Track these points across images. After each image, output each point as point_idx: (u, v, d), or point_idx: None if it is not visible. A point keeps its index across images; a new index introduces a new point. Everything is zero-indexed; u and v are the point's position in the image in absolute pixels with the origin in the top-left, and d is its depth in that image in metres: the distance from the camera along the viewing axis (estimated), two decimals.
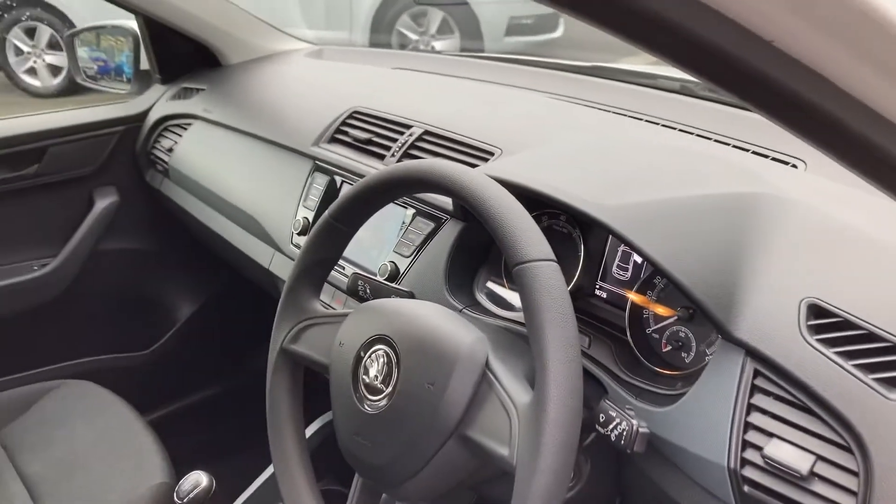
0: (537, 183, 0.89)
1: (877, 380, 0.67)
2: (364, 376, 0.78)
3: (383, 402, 0.75)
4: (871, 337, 0.69)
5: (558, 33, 6.14)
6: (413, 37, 5.71)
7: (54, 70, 5.61)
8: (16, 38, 5.55)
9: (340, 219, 0.87)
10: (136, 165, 1.73)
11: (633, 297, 0.91)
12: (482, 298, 1.03)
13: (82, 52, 1.87)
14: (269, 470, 1.21)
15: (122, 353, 1.75)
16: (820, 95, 0.43)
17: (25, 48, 5.58)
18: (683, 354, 0.88)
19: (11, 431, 1.37)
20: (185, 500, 1.10)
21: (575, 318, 0.68)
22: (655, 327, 0.91)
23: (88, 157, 1.68)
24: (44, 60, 5.63)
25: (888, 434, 0.65)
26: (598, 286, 0.97)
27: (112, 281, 1.75)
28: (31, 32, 5.55)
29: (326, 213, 0.88)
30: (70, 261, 1.67)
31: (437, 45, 5.71)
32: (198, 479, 1.10)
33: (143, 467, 1.25)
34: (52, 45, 5.54)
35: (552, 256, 0.70)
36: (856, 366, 0.68)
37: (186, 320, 1.83)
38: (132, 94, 1.79)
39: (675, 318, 0.88)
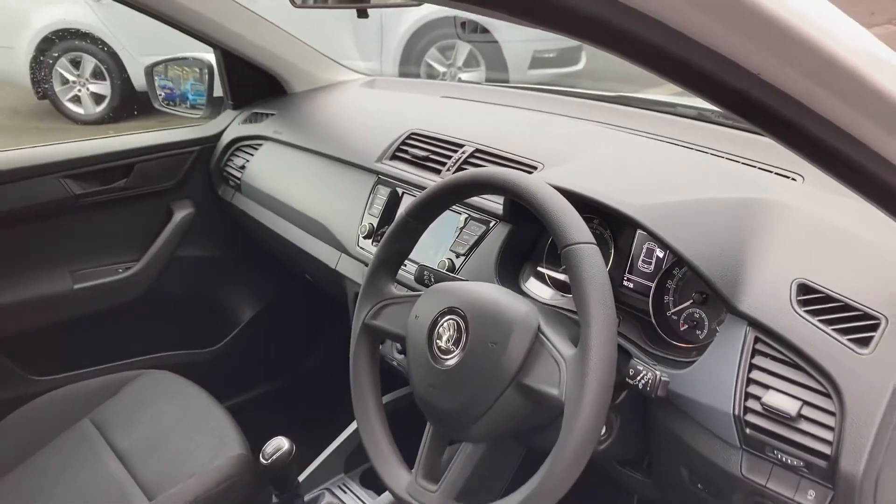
0: (577, 187, 1.08)
1: (851, 339, 0.85)
2: (437, 341, 0.96)
3: (454, 360, 0.94)
4: (846, 307, 0.87)
5: (580, 66, 6.37)
6: (441, 69, 5.95)
7: (97, 98, 5.90)
8: (62, 67, 5.84)
9: (416, 216, 1.07)
10: (210, 181, 1.94)
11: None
12: (527, 289, 1.22)
13: (156, 79, 2.09)
14: (343, 435, 1.39)
15: (194, 348, 1.94)
16: (801, 117, 0.61)
17: (70, 77, 5.89)
18: (698, 332, 1.06)
19: (102, 412, 1.54)
20: (269, 461, 1.27)
21: (611, 288, 0.87)
22: (674, 310, 1.09)
23: (169, 173, 1.89)
24: (87, 89, 5.92)
25: (858, 379, 0.82)
26: (626, 278, 1.16)
27: (187, 284, 1.95)
28: (76, 63, 5.84)
29: (403, 211, 1.08)
30: (151, 265, 1.88)
31: (464, 76, 5.94)
32: (279, 443, 1.28)
33: (223, 442, 1.42)
34: (96, 75, 5.83)
35: (593, 240, 0.88)
36: (835, 330, 0.86)
37: (251, 319, 2.02)
38: (205, 119, 2.01)
39: (691, 301, 1.07)
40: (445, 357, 0.95)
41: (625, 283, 1.16)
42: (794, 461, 0.87)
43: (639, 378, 0.94)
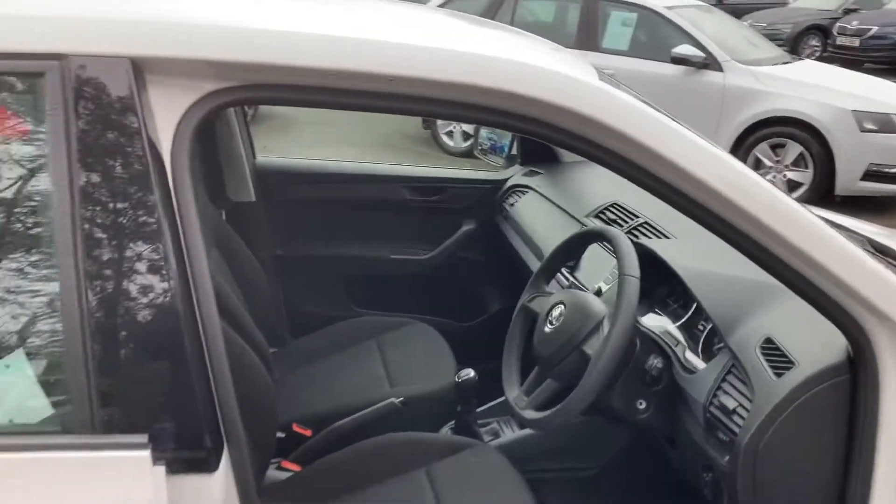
0: (660, 251, 1.70)
1: (774, 372, 1.37)
2: (549, 316, 1.65)
3: (551, 328, 1.63)
4: (783, 354, 1.39)
5: None
6: (768, 163, 6.24)
7: (465, 136, 7.17)
8: None
9: (559, 252, 1.78)
10: (491, 210, 2.78)
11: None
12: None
13: (483, 132, 2.99)
14: None
15: (452, 319, 2.77)
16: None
17: None
18: None
19: (385, 337, 2.39)
20: (459, 380, 2.03)
21: (634, 311, 1.49)
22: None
23: (466, 198, 2.77)
24: (460, 128, 7.24)
25: (764, 393, 1.35)
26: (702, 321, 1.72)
27: (460, 275, 2.81)
28: None
29: (556, 247, 1.79)
30: (439, 255, 2.77)
31: (790, 175, 6.17)
32: (468, 372, 2.03)
33: (446, 371, 2.17)
34: None
35: (637, 275, 1.51)
36: (769, 365, 1.39)
37: (497, 311, 2.81)
38: (502, 167, 2.86)
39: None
40: (549, 327, 1.64)
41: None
42: (725, 437, 1.41)
43: (648, 366, 1.55)
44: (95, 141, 1.01)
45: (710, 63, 6.33)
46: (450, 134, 7.34)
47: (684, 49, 6.36)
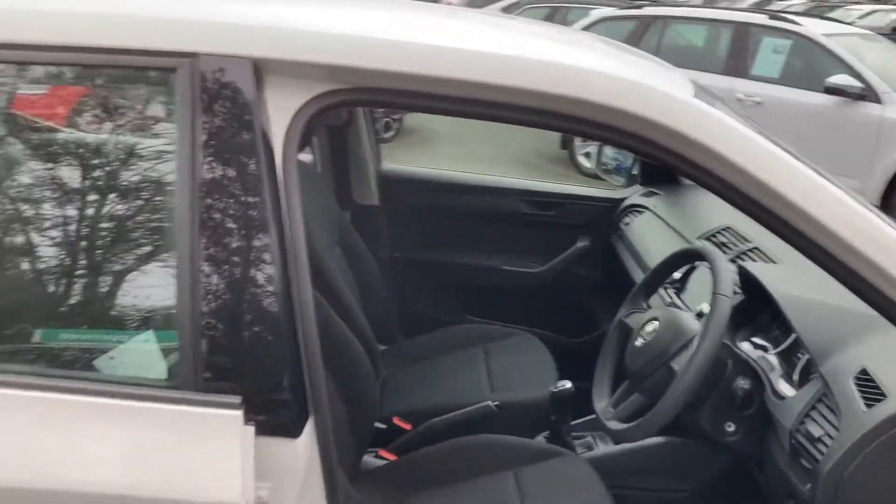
0: (762, 277, 1.67)
1: (865, 402, 1.34)
2: (643, 332, 1.67)
3: (641, 342, 1.64)
4: (876, 386, 1.35)
5: None
6: None
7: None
8: None
9: (658, 269, 1.78)
10: (607, 228, 2.78)
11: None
12: (737, 344, 1.79)
13: (608, 151, 3.00)
14: None
15: (561, 335, 2.80)
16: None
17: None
18: None
19: (491, 346, 2.45)
20: (555, 391, 2.06)
21: (723, 329, 1.48)
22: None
23: (583, 215, 2.80)
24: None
25: (852, 424, 1.32)
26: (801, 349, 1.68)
27: (571, 290, 2.83)
28: None
29: (660, 262, 1.79)
30: (551, 270, 2.81)
31: None
32: (565, 384, 2.06)
33: (547, 382, 2.22)
34: None
35: (730, 295, 1.51)
36: (862, 395, 1.35)
37: (607, 329, 2.80)
38: (622, 187, 2.87)
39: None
40: (639, 341, 1.66)
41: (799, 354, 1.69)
42: (808, 465, 1.38)
43: (735, 387, 1.53)
44: (217, 133, 1.14)
45: (867, 94, 5.99)
46: (587, 155, 7.30)
47: (840, 79, 6.06)
